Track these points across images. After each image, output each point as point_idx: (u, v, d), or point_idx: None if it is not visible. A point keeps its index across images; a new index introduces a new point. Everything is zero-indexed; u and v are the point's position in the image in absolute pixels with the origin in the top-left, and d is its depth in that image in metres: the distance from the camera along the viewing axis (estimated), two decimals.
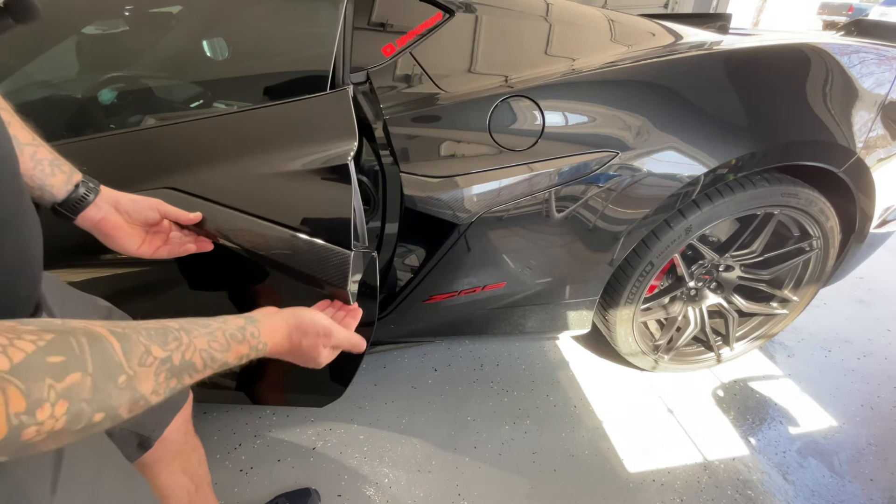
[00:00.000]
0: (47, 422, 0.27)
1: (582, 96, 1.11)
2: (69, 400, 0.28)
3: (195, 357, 0.39)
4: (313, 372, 0.63)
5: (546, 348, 1.74)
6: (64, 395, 0.27)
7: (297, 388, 1.13)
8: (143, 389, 0.33)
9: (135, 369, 0.33)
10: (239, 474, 1.30)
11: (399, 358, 1.69)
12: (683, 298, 1.51)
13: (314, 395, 1.11)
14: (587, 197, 1.13)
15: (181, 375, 0.37)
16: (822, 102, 1.18)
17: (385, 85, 1.07)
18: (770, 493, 1.28)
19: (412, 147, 1.06)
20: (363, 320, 0.74)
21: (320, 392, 1.10)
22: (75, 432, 0.29)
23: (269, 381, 1.13)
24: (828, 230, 1.36)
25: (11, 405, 0.25)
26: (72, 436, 0.29)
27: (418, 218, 1.09)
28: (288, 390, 1.15)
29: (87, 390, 0.29)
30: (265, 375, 1.12)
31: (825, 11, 9.33)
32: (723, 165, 1.14)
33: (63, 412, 0.27)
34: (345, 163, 0.80)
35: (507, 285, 1.26)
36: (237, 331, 0.46)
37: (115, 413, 0.31)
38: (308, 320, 0.56)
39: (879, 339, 1.82)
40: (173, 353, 0.36)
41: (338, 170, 0.81)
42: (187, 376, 0.38)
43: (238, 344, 0.45)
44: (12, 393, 0.25)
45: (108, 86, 1.09)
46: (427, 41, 1.10)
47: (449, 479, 1.30)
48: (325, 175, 0.81)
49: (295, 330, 0.54)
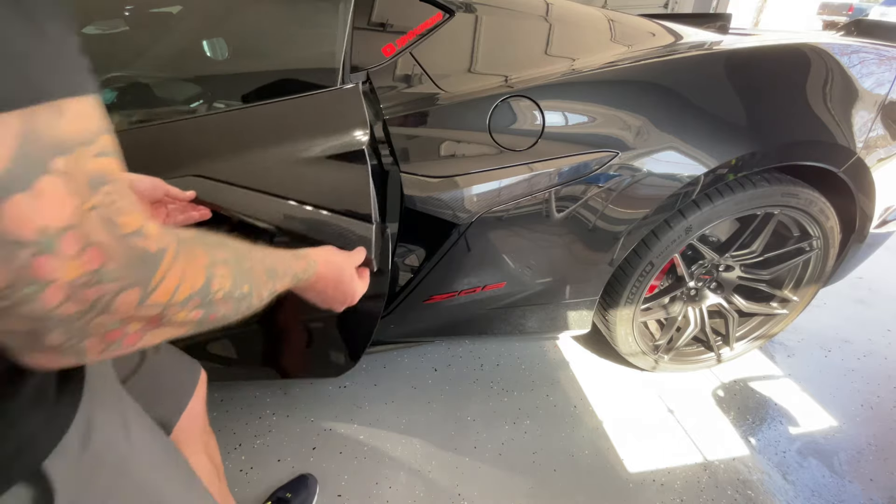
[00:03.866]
0: (222, 281, 0.36)
1: (582, 96, 1.11)
2: (233, 275, 0.38)
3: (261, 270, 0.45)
4: (328, 345, 0.77)
5: (546, 348, 1.74)
6: (231, 272, 0.38)
7: (315, 360, 1.21)
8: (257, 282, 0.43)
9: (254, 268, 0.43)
10: (239, 474, 1.30)
11: (399, 358, 1.69)
12: (683, 298, 1.51)
13: (329, 366, 1.20)
14: (587, 197, 1.13)
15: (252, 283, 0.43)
16: (822, 102, 1.18)
17: (385, 85, 1.07)
18: (770, 493, 1.28)
19: (412, 147, 1.06)
20: (375, 292, 0.82)
21: (335, 362, 1.19)
22: (232, 299, 0.38)
23: (288, 353, 1.19)
24: (828, 230, 1.36)
25: (199, 260, 0.34)
26: (228, 304, 0.38)
27: (418, 218, 1.09)
28: (306, 362, 1.23)
29: (242, 272, 0.40)
30: (284, 349, 1.18)
31: (825, 11, 9.33)
32: (723, 165, 1.14)
33: (230, 280, 0.37)
34: (360, 148, 0.89)
35: (507, 285, 1.26)
36: (293, 254, 0.55)
37: (251, 293, 0.41)
38: (352, 256, 0.68)
39: (879, 339, 1.82)
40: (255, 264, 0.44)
41: (355, 155, 0.89)
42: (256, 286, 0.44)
43: (296, 259, 0.54)
44: (199, 252, 0.34)
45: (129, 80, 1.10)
46: (427, 41, 1.10)
47: (449, 479, 1.30)
48: (345, 160, 0.90)
49: (342, 260, 0.64)
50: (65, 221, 0.24)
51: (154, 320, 0.31)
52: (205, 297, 0.34)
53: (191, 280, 0.33)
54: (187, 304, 0.33)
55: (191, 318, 0.34)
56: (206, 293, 0.34)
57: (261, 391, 1.55)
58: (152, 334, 0.32)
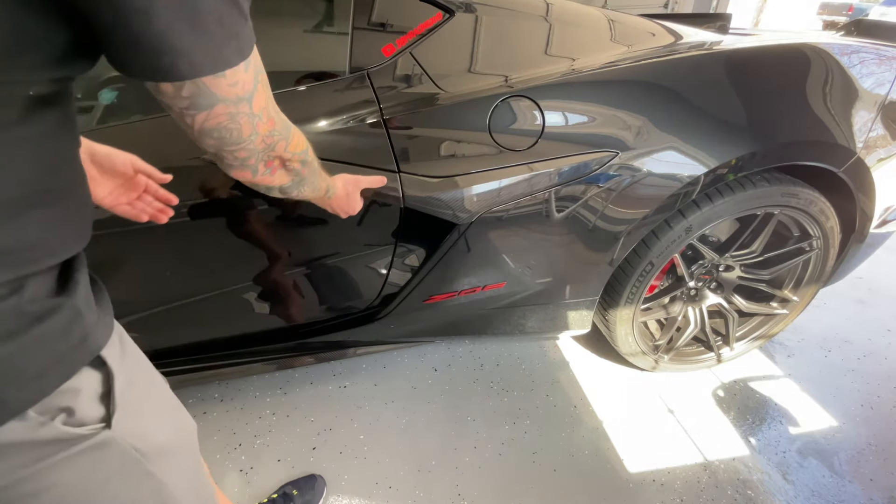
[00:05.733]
0: (311, 153, 0.63)
1: (582, 96, 1.11)
2: (312, 154, 0.64)
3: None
4: None
5: (546, 348, 1.74)
6: (312, 152, 0.64)
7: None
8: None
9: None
10: (239, 474, 1.30)
11: (399, 358, 1.69)
12: (683, 298, 1.51)
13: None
14: (587, 197, 1.13)
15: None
16: (822, 102, 1.18)
17: (385, 85, 1.07)
18: (770, 493, 1.28)
19: (412, 147, 1.06)
20: None
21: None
22: (313, 169, 0.65)
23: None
24: (828, 230, 1.36)
25: (302, 137, 0.59)
26: (311, 169, 0.64)
27: (418, 218, 1.09)
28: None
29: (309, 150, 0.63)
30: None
31: (825, 11, 9.33)
32: (723, 165, 1.14)
33: (312, 155, 0.64)
34: (378, 120, 1.01)
35: (507, 285, 1.26)
36: (327, 174, 0.75)
37: (317, 174, 0.68)
38: (354, 179, 0.87)
39: (879, 339, 1.82)
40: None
41: (375, 125, 1.02)
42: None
43: (329, 177, 0.76)
44: (301, 134, 0.58)
45: None
46: (427, 41, 1.10)
47: (449, 479, 1.30)
48: (367, 130, 1.02)
49: (350, 184, 0.85)
50: (263, 104, 0.48)
51: (286, 160, 0.56)
52: (305, 156, 0.60)
53: (302, 144, 0.58)
54: (300, 155, 0.58)
55: (297, 167, 0.59)
56: (306, 154, 0.60)
57: (261, 391, 1.55)
58: (280, 173, 0.57)
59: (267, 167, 0.53)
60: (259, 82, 0.45)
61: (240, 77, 0.42)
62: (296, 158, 0.57)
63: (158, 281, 1.09)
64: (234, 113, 0.44)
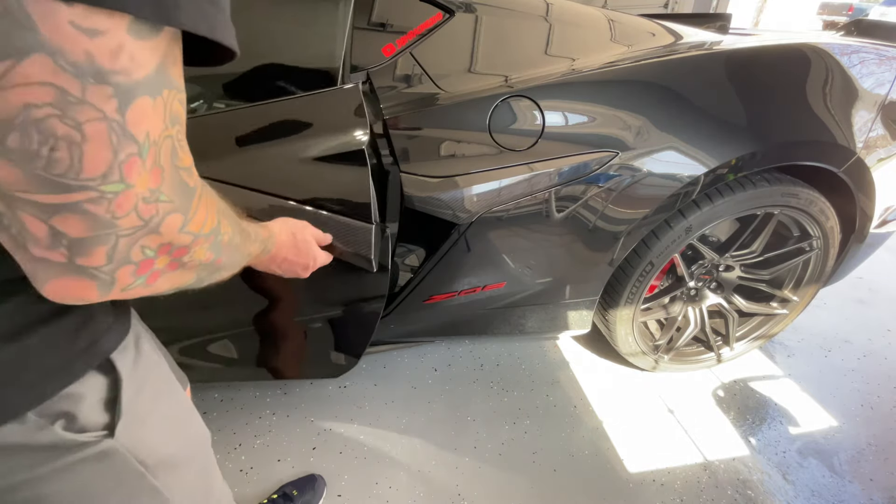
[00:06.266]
0: (226, 227, 0.42)
1: (582, 96, 1.11)
2: (231, 225, 0.44)
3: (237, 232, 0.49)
4: (328, 345, 0.84)
5: (546, 348, 1.74)
6: (230, 221, 0.44)
7: (315, 361, 1.20)
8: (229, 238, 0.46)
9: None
10: (239, 474, 1.30)
11: (399, 358, 1.69)
12: (683, 298, 1.51)
13: (330, 366, 1.19)
14: (587, 197, 1.13)
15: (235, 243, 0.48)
16: (822, 102, 1.18)
17: (385, 85, 1.07)
18: (770, 493, 1.28)
19: (412, 147, 1.06)
20: (376, 293, 0.90)
21: (336, 362, 1.19)
22: (231, 247, 0.44)
23: (288, 355, 1.19)
24: (828, 230, 1.36)
25: (214, 204, 0.39)
26: (229, 251, 0.44)
27: (418, 218, 1.09)
28: (306, 362, 1.22)
29: (228, 229, 0.43)
30: (284, 350, 1.18)
31: (825, 11, 9.33)
32: (723, 165, 1.14)
33: (230, 228, 0.43)
34: (360, 148, 0.90)
35: (507, 285, 1.26)
36: (257, 223, 0.58)
37: (241, 247, 0.48)
38: (301, 221, 0.73)
39: (879, 339, 1.82)
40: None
41: (354, 155, 0.90)
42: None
43: (261, 227, 0.59)
44: (213, 198, 0.40)
45: None
46: (427, 41, 1.10)
47: (449, 479, 1.30)
48: (344, 160, 0.91)
49: (293, 225, 0.70)
50: (156, 134, 0.30)
51: (179, 254, 0.36)
52: (217, 237, 0.40)
53: (210, 219, 0.38)
54: (207, 238, 0.38)
55: (205, 258, 0.39)
56: (218, 233, 0.40)
57: (261, 391, 1.55)
58: (169, 276, 0.37)
59: (139, 270, 0.33)
60: (163, 91, 0.30)
61: (132, 47, 0.26)
62: (202, 243, 0.38)
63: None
64: (74, 101, 0.25)
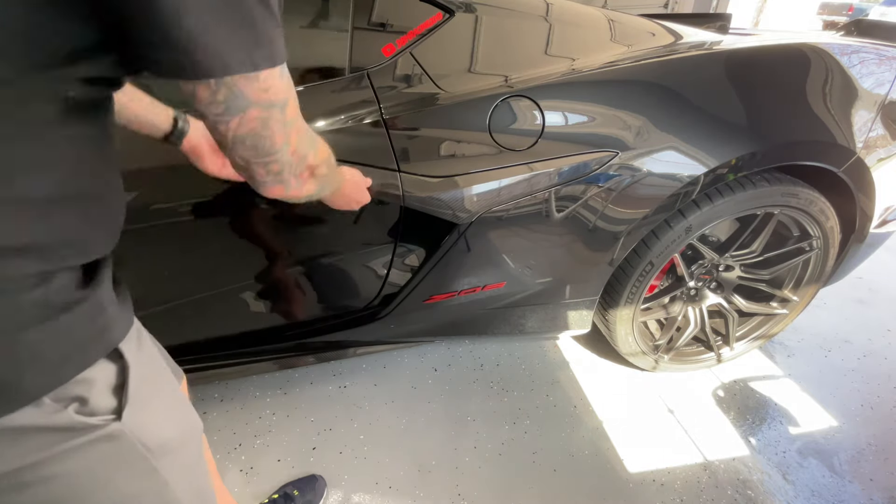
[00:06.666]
0: (333, 158, 0.60)
1: (582, 96, 1.11)
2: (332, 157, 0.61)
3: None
4: None
5: (546, 348, 1.74)
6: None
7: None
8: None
9: None
10: (239, 474, 1.30)
11: (399, 358, 1.69)
12: (683, 298, 1.51)
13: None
14: (587, 197, 1.13)
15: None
16: (822, 102, 1.18)
17: (385, 85, 1.07)
18: (770, 493, 1.28)
19: (412, 147, 1.06)
20: None
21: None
22: (335, 170, 0.63)
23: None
24: (828, 230, 1.36)
25: (324, 144, 0.57)
26: (333, 171, 0.62)
27: (418, 218, 1.09)
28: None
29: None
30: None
31: (825, 11, 9.33)
32: (723, 165, 1.14)
33: (334, 159, 0.61)
34: (378, 119, 1.02)
35: (507, 285, 1.26)
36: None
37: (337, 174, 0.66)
38: (353, 168, 0.85)
39: (879, 339, 1.82)
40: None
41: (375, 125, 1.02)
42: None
43: (339, 169, 0.71)
44: (318, 139, 0.56)
45: None
46: (427, 41, 1.10)
47: (449, 479, 1.30)
48: (367, 130, 1.02)
49: (349, 169, 0.82)
50: (292, 117, 0.47)
51: (314, 170, 0.54)
52: (329, 162, 0.59)
53: (325, 149, 0.57)
54: (325, 162, 0.57)
55: (324, 173, 0.57)
56: (330, 160, 0.59)
57: (261, 391, 1.55)
58: (310, 183, 0.55)
59: (298, 179, 0.53)
60: (291, 92, 0.46)
61: (273, 82, 0.42)
62: (322, 164, 0.57)
63: (156, 280, 1.09)
64: (266, 118, 0.44)
